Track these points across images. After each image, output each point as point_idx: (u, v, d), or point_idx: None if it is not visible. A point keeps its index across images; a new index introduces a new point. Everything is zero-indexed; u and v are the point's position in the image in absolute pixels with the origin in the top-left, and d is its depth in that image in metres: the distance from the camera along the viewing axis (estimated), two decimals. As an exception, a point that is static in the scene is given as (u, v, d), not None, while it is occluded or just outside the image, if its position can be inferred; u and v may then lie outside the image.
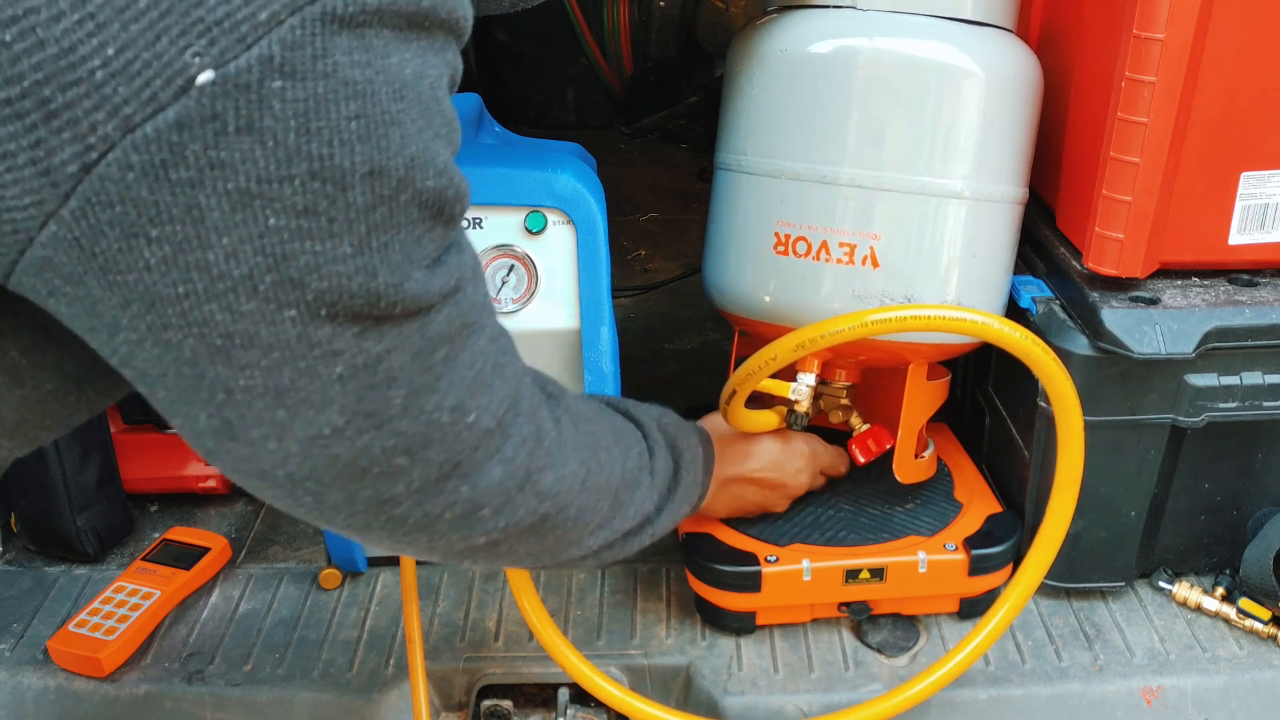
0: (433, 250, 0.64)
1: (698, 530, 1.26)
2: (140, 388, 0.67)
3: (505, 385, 0.73)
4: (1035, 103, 1.18)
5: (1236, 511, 1.28)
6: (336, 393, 0.62)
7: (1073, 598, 1.32)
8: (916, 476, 1.27)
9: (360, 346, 0.62)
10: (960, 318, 1.00)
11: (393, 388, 0.64)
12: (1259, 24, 1.07)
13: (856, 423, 1.28)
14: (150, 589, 1.31)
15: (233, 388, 0.61)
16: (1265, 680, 1.19)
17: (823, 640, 1.26)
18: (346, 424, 0.64)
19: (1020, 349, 1.01)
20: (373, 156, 0.57)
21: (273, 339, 0.59)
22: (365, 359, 0.62)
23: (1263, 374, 1.16)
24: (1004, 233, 1.20)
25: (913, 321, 0.98)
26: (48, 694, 1.22)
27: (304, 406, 0.62)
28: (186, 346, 0.59)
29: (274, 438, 0.64)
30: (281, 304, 0.58)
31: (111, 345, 0.62)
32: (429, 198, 0.61)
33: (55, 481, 1.39)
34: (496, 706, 1.22)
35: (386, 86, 0.56)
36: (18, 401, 0.72)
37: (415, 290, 0.62)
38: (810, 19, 1.14)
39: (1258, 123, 1.11)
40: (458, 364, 0.68)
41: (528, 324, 1.21)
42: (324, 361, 0.61)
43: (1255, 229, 1.16)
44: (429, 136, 0.60)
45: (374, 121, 0.56)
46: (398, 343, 0.63)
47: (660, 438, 0.99)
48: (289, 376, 0.61)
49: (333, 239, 0.57)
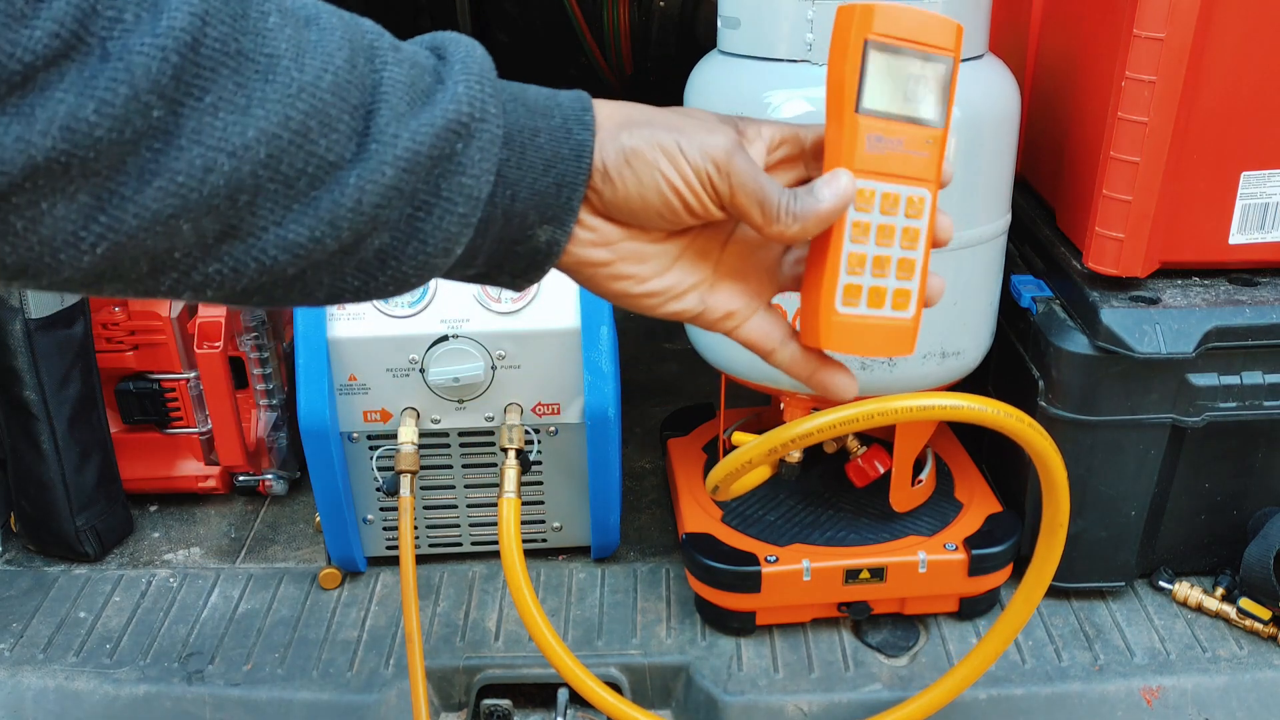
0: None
1: (698, 530, 1.26)
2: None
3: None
4: (1016, 126, 1.15)
5: (1237, 511, 1.28)
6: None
7: (1073, 598, 1.31)
8: (913, 504, 1.28)
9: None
10: (935, 405, 0.90)
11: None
12: (1259, 24, 1.07)
13: (853, 445, 1.28)
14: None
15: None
16: (1265, 680, 1.19)
17: (823, 640, 1.26)
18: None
19: (995, 425, 0.95)
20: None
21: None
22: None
23: (1263, 373, 1.16)
24: (988, 269, 1.19)
25: (879, 417, 0.86)
26: (48, 694, 1.22)
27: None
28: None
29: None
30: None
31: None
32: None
33: (55, 481, 1.39)
34: (496, 706, 1.22)
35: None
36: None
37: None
38: (763, 74, 1.09)
39: (1258, 122, 1.11)
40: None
41: (528, 324, 1.21)
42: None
43: (1255, 228, 1.16)
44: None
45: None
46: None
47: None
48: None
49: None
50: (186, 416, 1.50)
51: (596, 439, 1.27)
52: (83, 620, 1.32)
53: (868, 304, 0.56)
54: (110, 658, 1.26)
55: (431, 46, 0.52)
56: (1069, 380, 1.17)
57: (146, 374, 1.47)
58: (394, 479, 1.22)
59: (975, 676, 1.11)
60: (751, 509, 1.31)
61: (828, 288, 0.55)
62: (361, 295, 0.51)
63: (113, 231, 0.42)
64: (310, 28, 0.46)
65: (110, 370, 1.46)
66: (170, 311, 1.44)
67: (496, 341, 1.22)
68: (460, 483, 1.34)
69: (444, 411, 1.26)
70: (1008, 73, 1.14)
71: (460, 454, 1.32)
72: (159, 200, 0.42)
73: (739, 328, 0.59)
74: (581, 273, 0.56)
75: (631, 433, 1.66)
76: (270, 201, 0.45)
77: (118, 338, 1.45)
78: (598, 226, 0.55)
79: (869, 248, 0.55)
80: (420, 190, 0.48)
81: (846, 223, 0.54)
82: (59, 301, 1.34)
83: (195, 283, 0.46)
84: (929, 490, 1.31)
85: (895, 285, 0.56)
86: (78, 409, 1.38)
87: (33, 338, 1.33)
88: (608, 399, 1.25)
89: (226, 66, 0.43)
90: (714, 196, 0.54)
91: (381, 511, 1.35)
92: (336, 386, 1.24)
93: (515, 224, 0.52)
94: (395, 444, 1.24)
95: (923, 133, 0.55)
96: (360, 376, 1.24)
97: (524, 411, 1.26)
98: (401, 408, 1.25)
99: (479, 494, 1.35)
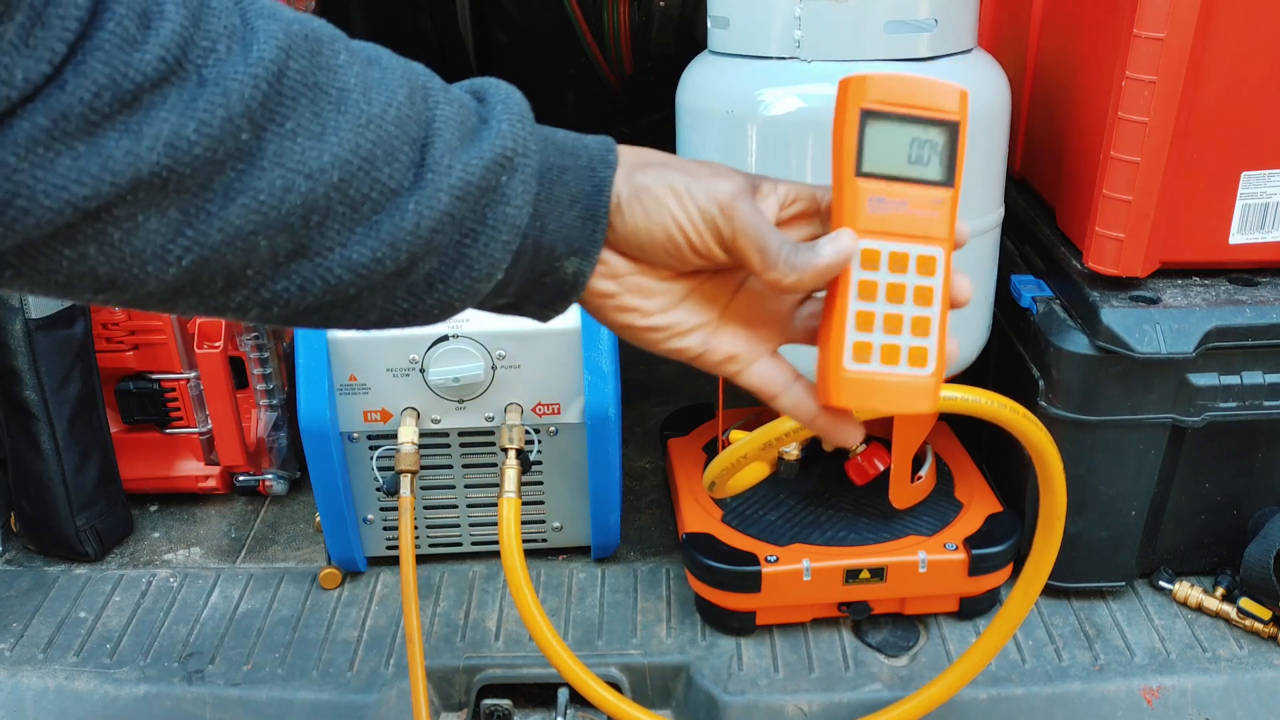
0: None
1: (698, 530, 1.26)
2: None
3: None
4: (1006, 119, 1.15)
5: (1237, 511, 1.28)
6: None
7: (1073, 598, 1.31)
8: (913, 501, 1.28)
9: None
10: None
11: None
12: (1259, 24, 1.07)
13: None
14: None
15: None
16: (1266, 680, 1.19)
17: (823, 640, 1.26)
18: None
19: (996, 417, 0.95)
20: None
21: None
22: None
23: (1263, 373, 1.16)
24: (981, 263, 1.18)
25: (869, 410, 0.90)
26: (48, 694, 1.22)
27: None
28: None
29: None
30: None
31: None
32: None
33: (55, 481, 1.39)
34: (496, 706, 1.22)
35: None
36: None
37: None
38: (754, 72, 1.09)
39: (1258, 122, 1.11)
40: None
41: (528, 324, 1.20)
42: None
43: (1255, 228, 1.16)
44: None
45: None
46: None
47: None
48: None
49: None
50: (186, 416, 1.50)
51: (596, 439, 1.27)
52: (83, 620, 1.32)
53: (880, 361, 0.57)
54: (110, 658, 1.26)
55: (471, 90, 0.56)
56: (1069, 380, 1.17)
57: (146, 374, 1.48)
58: (394, 479, 1.22)
59: (974, 673, 1.11)
60: (751, 509, 1.31)
61: (835, 344, 0.56)
62: (409, 317, 0.54)
63: (198, 245, 0.45)
64: (374, 67, 0.51)
65: (110, 370, 1.46)
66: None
67: (496, 341, 1.22)
68: (460, 483, 1.34)
69: (444, 411, 1.26)
70: (997, 66, 1.14)
71: (460, 454, 1.32)
72: (241, 217, 0.46)
73: (741, 372, 0.61)
74: (590, 303, 0.59)
75: (631, 433, 1.66)
76: (338, 223, 0.48)
77: (118, 338, 1.45)
78: (608, 259, 0.57)
79: (878, 305, 0.57)
80: (469, 218, 0.52)
81: (852, 281, 0.56)
82: (59, 301, 1.34)
83: (264, 299, 0.49)
84: (929, 487, 1.31)
85: (911, 343, 0.58)
86: (78, 409, 1.38)
87: (33, 338, 1.33)
88: (608, 399, 1.25)
89: (305, 97, 0.47)
90: (717, 238, 0.56)
91: (382, 511, 1.35)
92: (337, 386, 1.24)
93: (544, 255, 0.56)
94: (395, 444, 1.24)
95: (929, 193, 0.56)
96: (360, 376, 1.24)
97: (524, 411, 1.26)
98: (402, 408, 1.25)
99: (479, 494, 1.35)
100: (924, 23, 1.05)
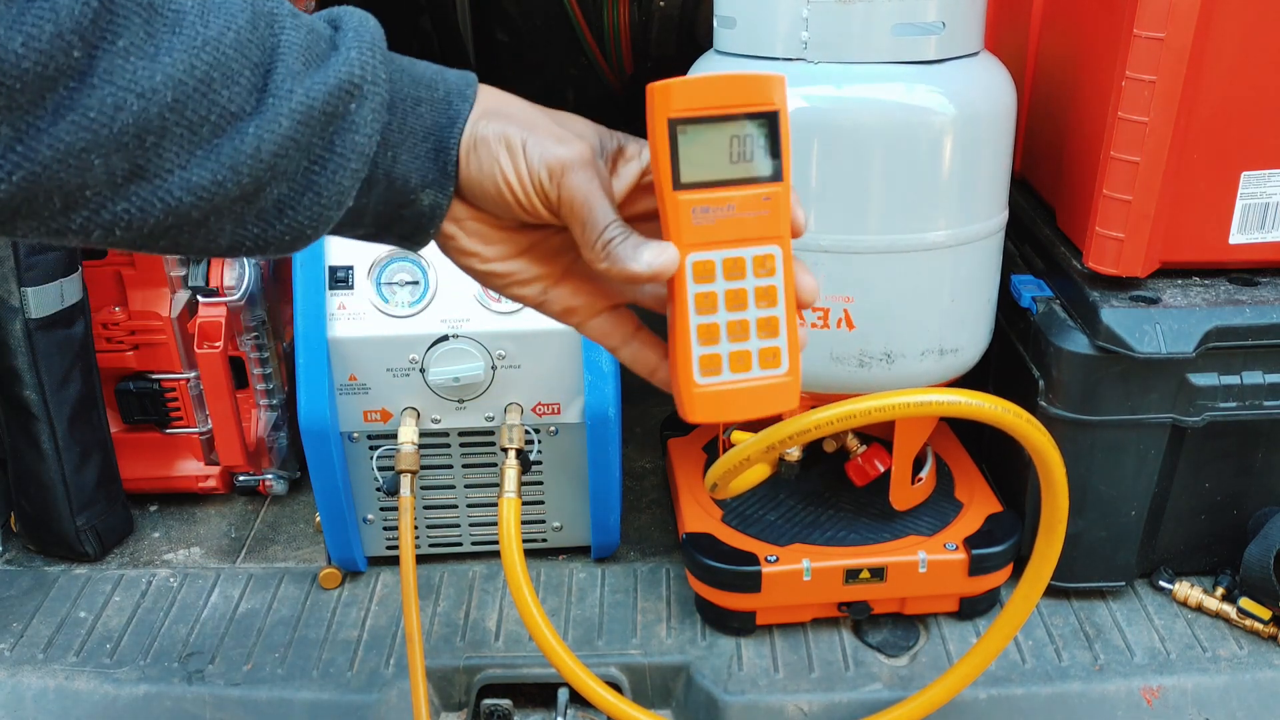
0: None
1: (698, 530, 1.26)
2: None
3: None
4: (1013, 122, 1.15)
5: (1237, 511, 1.28)
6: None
7: (1073, 598, 1.31)
8: (913, 502, 1.28)
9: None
10: (931, 401, 0.89)
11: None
12: (1259, 24, 1.07)
13: (853, 444, 1.28)
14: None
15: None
16: (1265, 680, 1.19)
17: (823, 640, 1.26)
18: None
19: (999, 422, 0.94)
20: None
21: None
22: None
23: (1263, 373, 1.16)
24: (986, 265, 1.18)
25: (877, 413, 0.86)
26: (48, 694, 1.22)
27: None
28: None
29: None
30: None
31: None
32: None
33: (55, 481, 1.39)
34: (496, 706, 1.22)
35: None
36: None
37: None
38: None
39: (1258, 122, 1.11)
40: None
41: (528, 324, 1.21)
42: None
43: (1255, 228, 1.16)
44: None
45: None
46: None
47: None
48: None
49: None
50: (186, 416, 1.50)
51: (597, 439, 1.27)
52: (83, 620, 1.32)
53: (731, 370, 0.56)
54: (110, 658, 1.26)
55: (329, 19, 0.55)
56: (1069, 380, 1.17)
57: (146, 374, 1.48)
58: (394, 479, 1.22)
59: (975, 675, 1.11)
60: (751, 509, 1.31)
61: (682, 363, 0.56)
62: (260, 245, 0.53)
63: (28, 161, 0.44)
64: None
65: (110, 370, 1.46)
66: (170, 311, 1.44)
67: (497, 341, 1.22)
68: (460, 483, 1.34)
69: (444, 411, 1.26)
70: (1003, 69, 1.14)
71: (460, 454, 1.32)
72: (71, 134, 0.45)
73: (580, 325, 0.62)
74: (436, 240, 0.59)
75: (631, 433, 1.66)
76: (175, 144, 0.48)
77: (118, 338, 1.45)
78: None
79: (719, 316, 0.55)
80: (316, 144, 0.51)
81: (689, 296, 0.55)
82: (59, 301, 1.34)
83: (105, 221, 0.48)
84: (929, 489, 1.31)
85: (760, 345, 0.56)
86: (78, 409, 1.38)
87: (33, 338, 1.33)
88: (608, 399, 1.25)
89: (139, 16, 0.46)
90: (544, 201, 0.55)
91: (382, 511, 1.35)
92: (336, 386, 1.24)
93: (399, 186, 0.55)
94: (395, 444, 1.24)
95: (757, 191, 0.54)
96: (360, 376, 1.24)
97: (524, 411, 1.26)
98: (402, 408, 1.25)
99: (479, 494, 1.35)
100: (932, 25, 1.04)
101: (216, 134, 0.49)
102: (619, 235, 0.54)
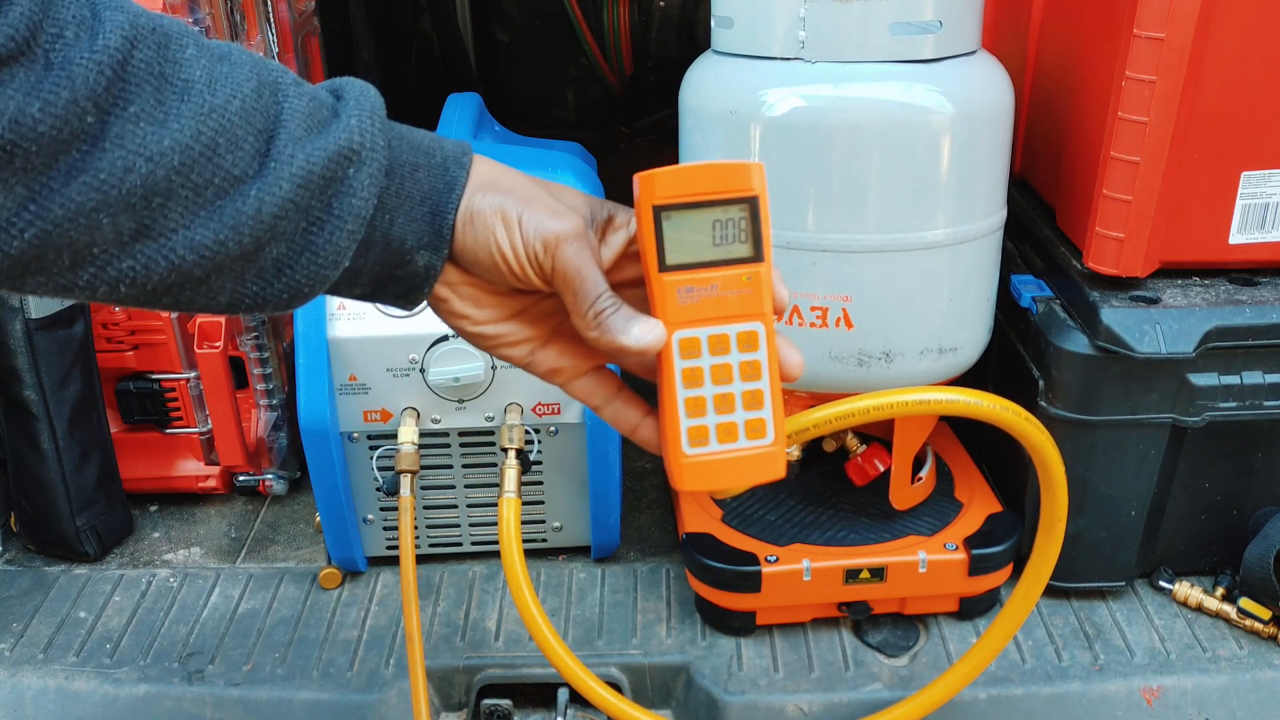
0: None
1: (698, 530, 1.26)
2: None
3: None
4: (1010, 121, 1.14)
5: (1237, 511, 1.28)
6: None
7: (1073, 598, 1.31)
8: (913, 502, 1.28)
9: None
10: (930, 400, 0.89)
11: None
12: (1259, 24, 1.07)
13: (853, 444, 1.28)
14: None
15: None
16: (1265, 680, 1.19)
17: (823, 640, 1.26)
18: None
19: (996, 420, 0.92)
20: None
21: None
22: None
23: (1263, 373, 1.16)
24: (984, 263, 1.18)
25: (875, 412, 0.87)
26: (48, 694, 1.22)
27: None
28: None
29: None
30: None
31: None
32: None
33: (55, 481, 1.39)
34: (496, 706, 1.22)
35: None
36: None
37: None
38: (757, 73, 1.09)
39: (1258, 122, 1.11)
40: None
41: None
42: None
43: (1255, 228, 1.16)
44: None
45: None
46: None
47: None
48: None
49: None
50: (186, 416, 1.50)
51: (597, 439, 1.27)
52: (83, 620, 1.32)
53: (719, 441, 0.59)
54: (110, 658, 1.26)
55: (332, 89, 0.58)
56: (1069, 380, 1.17)
57: (146, 374, 1.48)
58: (394, 479, 1.22)
59: (975, 674, 1.11)
60: (751, 509, 1.31)
61: (671, 434, 0.58)
62: (259, 302, 0.55)
63: (40, 219, 0.47)
64: (223, 62, 0.53)
65: (110, 370, 1.46)
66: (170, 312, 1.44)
67: (496, 341, 1.22)
68: (460, 483, 1.34)
69: (444, 411, 1.26)
70: (1000, 68, 1.14)
71: (460, 454, 1.32)
72: (82, 194, 0.47)
73: (565, 385, 0.64)
74: (429, 302, 0.62)
75: (631, 433, 1.66)
76: (181, 206, 0.50)
77: (118, 338, 1.45)
78: (445, 267, 0.60)
79: (706, 390, 0.58)
80: (314, 207, 0.53)
81: (676, 371, 0.58)
82: (59, 301, 1.34)
83: (110, 278, 0.50)
84: (929, 488, 1.31)
85: (746, 417, 0.59)
86: (78, 409, 1.38)
87: (33, 338, 1.33)
88: (608, 399, 1.25)
89: (150, 85, 0.49)
90: (538, 272, 0.58)
91: (381, 511, 1.36)
92: (336, 386, 1.24)
93: (395, 248, 0.57)
94: (395, 444, 1.24)
95: (739, 272, 0.57)
96: (360, 376, 1.24)
97: (524, 411, 1.26)
98: (402, 408, 1.26)
99: (479, 494, 1.35)
100: (929, 24, 1.05)
101: (220, 196, 0.51)
102: (610, 306, 0.57)
